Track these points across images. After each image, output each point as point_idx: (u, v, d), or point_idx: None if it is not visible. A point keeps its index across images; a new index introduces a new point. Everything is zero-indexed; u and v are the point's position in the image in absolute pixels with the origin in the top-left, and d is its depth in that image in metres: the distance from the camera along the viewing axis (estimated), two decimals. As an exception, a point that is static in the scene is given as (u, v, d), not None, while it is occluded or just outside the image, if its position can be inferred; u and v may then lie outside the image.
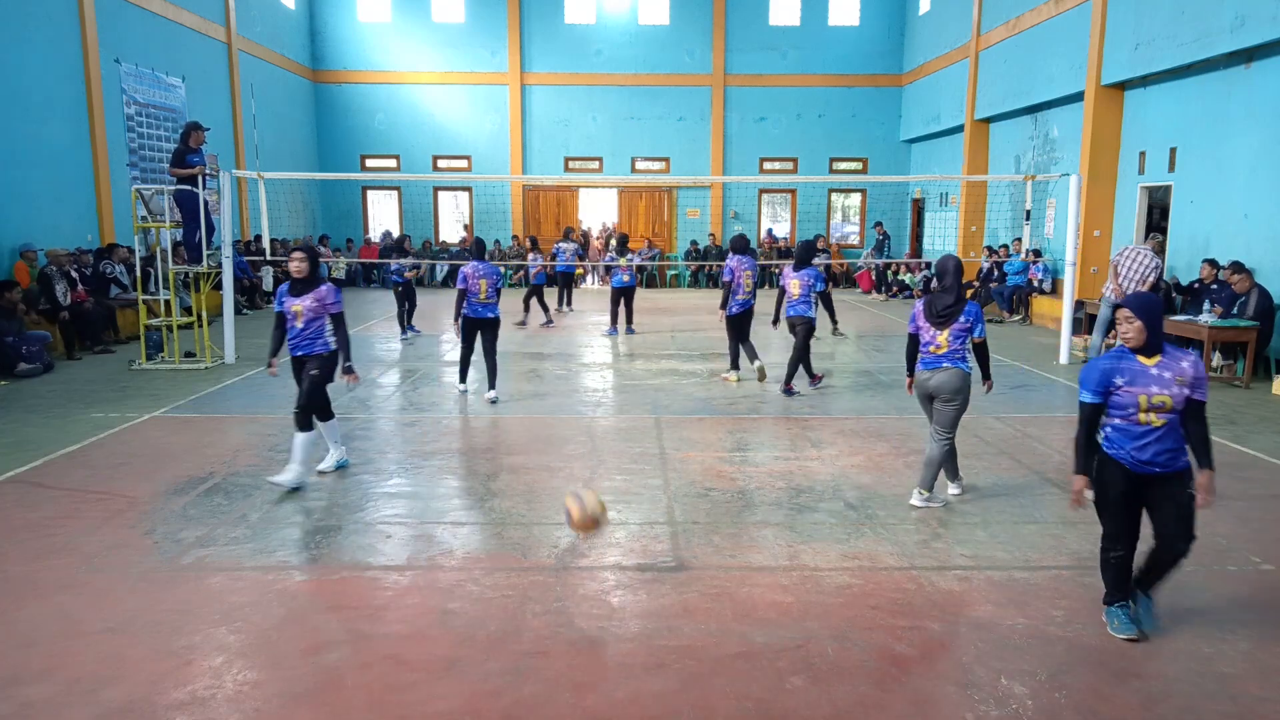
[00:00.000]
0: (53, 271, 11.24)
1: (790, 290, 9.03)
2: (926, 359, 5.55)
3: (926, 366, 5.55)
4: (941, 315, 5.44)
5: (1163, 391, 3.76)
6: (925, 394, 5.62)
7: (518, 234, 22.96)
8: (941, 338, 5.45)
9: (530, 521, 5.41)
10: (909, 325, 5.66)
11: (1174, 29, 11.77)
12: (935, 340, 5.47)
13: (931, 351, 5.52)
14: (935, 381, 5.49)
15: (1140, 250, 10.84)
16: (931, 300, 5.52)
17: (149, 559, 4.79)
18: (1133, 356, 3.83)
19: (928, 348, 5.52)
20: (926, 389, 5.57)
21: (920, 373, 5.60)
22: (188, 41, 16.56)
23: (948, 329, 5.44)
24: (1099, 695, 3.50)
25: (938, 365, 5.50)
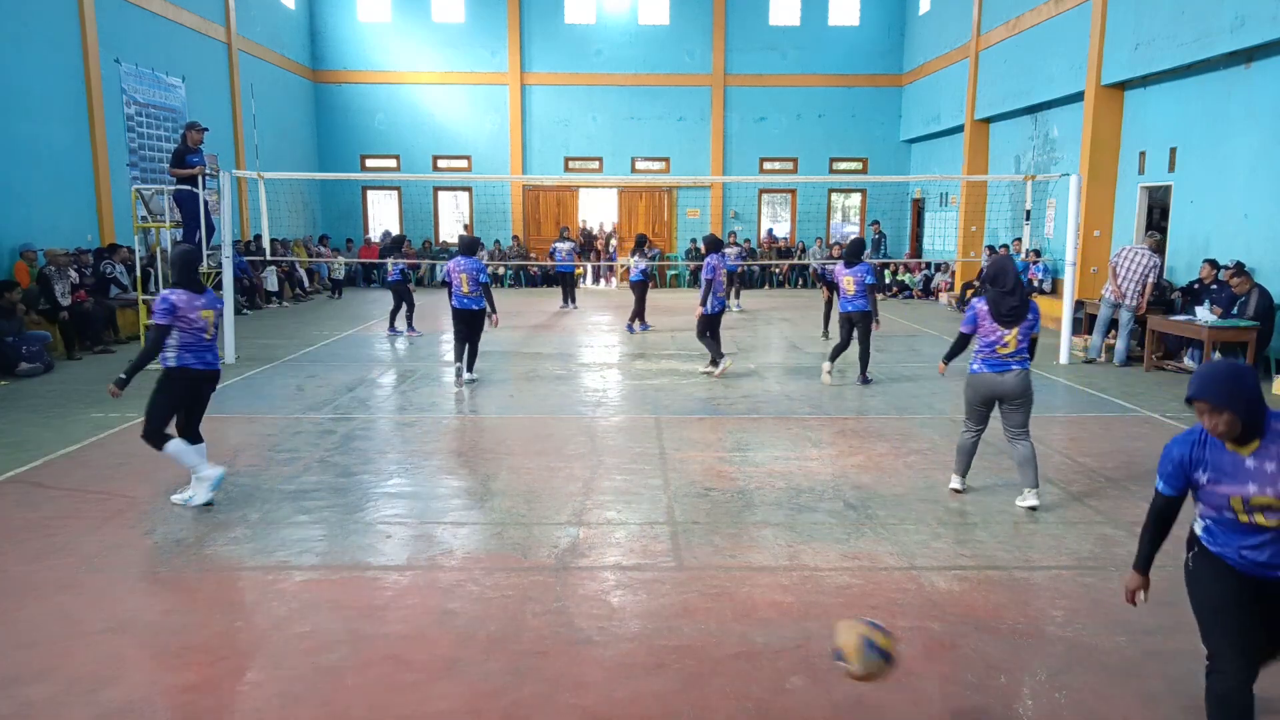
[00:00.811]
0: (52, 271, 11.24)
1: (845, 287, 9.45)
2: (991, 360, 5.46)
3: (993, 369, 5.47)
4: (1009, 315, 5.37)
5: (1264, 492, 2.75)
6: (991, 396, 5.53)
7: (518, 234, 22.98)
8: (1010, 337, 5.37)
9: (530, 521, 5.41)
10: (963, 325, 5.61)
11: (1174, 29, 11.77)
12: (1003, 340, 5.38)
13: (999, 352, 5.42)
14: (1007, 384, 5.44)
15: (1138, 250, 10.84)
16: (996, 301, 5.40)
17: (149, 559, 4.79)
18: (1219, 444, 2.87)
19: (993, 348, 5.43)
20: (995, 391, 5.49)
21: (985, 375, 5.50)
22: (188, 41, 16.56)
23: (1016, 328, 5.37)
24: (1099, 695, 3.50)
25: (1006, 368, 5.43)
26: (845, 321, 9.66)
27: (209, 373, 5.61)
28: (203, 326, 5.47)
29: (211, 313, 5.54)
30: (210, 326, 5.54)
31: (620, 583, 4.54)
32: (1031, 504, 5.58)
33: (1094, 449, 7.07)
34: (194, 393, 5.60)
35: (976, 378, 5.56)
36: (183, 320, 5.37)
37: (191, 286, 5.46)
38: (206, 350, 5.54)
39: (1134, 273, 10.71)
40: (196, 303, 5.43)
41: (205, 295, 5.53)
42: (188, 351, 5.43)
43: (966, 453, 5.87)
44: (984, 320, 5.46)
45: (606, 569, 4.71)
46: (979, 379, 5.54)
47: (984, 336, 5.47)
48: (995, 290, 5.46)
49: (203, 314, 5.46)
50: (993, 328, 5.41)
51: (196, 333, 5.43)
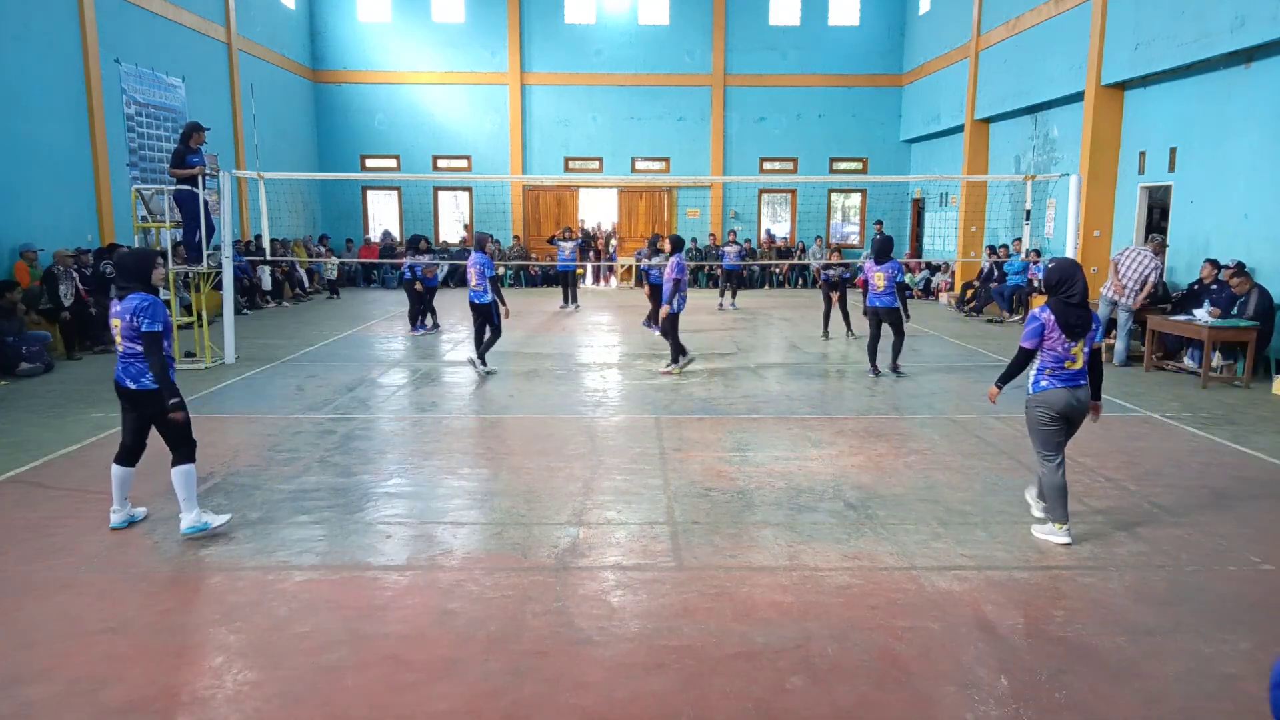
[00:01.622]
0: (59, 271, 11.23)
1: (875, 282, 9.89)
2: (1062, 375, 4.95)
3: (1065, 384, 4.95)
4: (1078, 326, 4.88)
5: None
6: (1062, 415, 4.99)
7: (518, 234, 22.98)
8: (1077, 350, 4.91)
9: (530, 521, 5.41)
10: (1024, 339, 4.99)
11: (1174, 29, 11.77)
12: (1070, 354, 4.90)
13: (1068, 367, 4.94)
14: (1082, 401, 4.99)
15: (1141, 250, 10.86)
16: (1065, 311, 4.88)
17: (149, 559, 4.79)
18: None
19: (1061, 363, 4.93)
20: (1071, 409, 4.97)
21: (1059, 390, 4.95)
22: (188, 41, 16.56)
23: (1083, 340, 4.92)
24: (1099, 695, 3.50)
25: (1077, 383, 4.97)
26: (874, 316, 10.09)
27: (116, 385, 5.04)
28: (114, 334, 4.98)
29: (118, 320, 4.92)
30: (118, 336, 4.94)
31: (620, 583, 4.53)
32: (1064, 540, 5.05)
33: (1094, 449, 7.06)
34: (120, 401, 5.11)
35: (1049, 394, 4.98)
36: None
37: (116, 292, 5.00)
38: (119, 360, 4.99)
39: (1135, 271, 10.73)
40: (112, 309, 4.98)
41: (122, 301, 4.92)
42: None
43: (1064, 491, 5.06)
44: (1052, 332, 4.92)
45: (606, 569, 4.71)
46: (1053, 395, 4.97)
47: (1049, 350, 4.95)
48: (1059, 299, 4.93)
49: (113, 321, 4.96)
50: (1059, 339, 4.90)
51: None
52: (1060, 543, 5.04)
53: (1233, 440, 7.39)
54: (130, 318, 4.84)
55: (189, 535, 5.03)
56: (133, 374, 4.94)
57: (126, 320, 4.86)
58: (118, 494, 5.19)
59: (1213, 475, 6.43)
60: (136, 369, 4.93)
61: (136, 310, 4.83)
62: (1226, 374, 9.94)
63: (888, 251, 9.93)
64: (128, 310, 4.85)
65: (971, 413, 8.43)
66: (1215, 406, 8.68)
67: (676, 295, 10.03)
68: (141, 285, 4.93)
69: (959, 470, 6.49)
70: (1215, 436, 7.52)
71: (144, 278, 4.95)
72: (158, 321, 4.84)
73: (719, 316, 16.28)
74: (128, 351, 4.91)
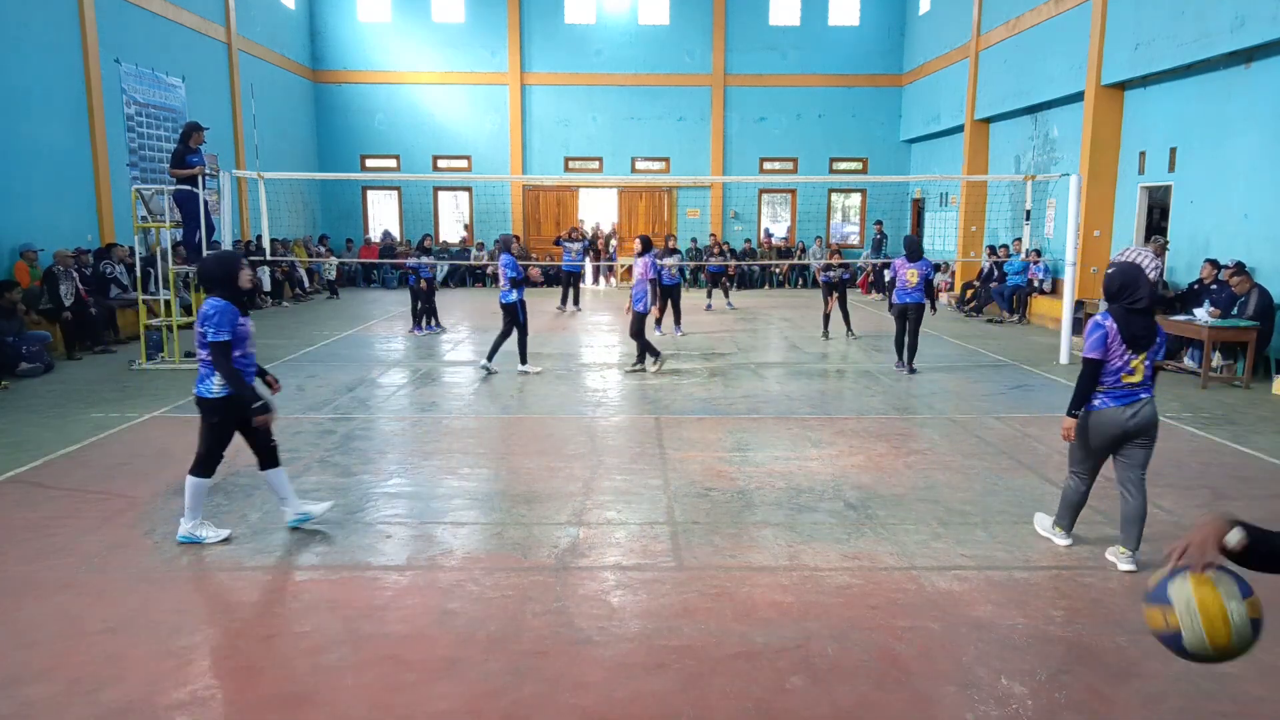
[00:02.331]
0: (59, 271, 11.24)
1: (907, 279, 10.25)
2: (1118, 392, 4.54)
3: (1121, 401, 4.54)
4: (1143, 338, 4.49)
5: None
6: (1118, 435, 4.59)
7: (518, 234, 22.97)
8: (1137, 363, 4.52)
9: (530, 521, 5.41)
10: (1091, 350, 4.53)
11: (1174, 29, 11.77)
12: (1129, 367, 4.51)
13: (1125, 381, 4.53)
14: (1140, 418, 4.54)
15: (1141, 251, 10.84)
16: (1128, 320, 4.48)
17: (149, 559, 4.79)
18: None
19: (1118, 376, 4.52)
20: (1125, 428, 4.56)
21: (1109, 410, 4.56)
22: (188, 41, 16.57)
23: (1145, 352, 4.53)
24: (1099, 695, 3.50)
25: (1136, 398, 4.55)
26: (901, 314, 10.38)
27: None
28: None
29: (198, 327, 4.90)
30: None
31: (620, 583, 4.53)
32: (1130, 568, 4.68)
33: (1094, 449, 7.05)
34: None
35: (1101, 415, 4.59)
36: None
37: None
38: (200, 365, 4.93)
39: None
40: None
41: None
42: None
43: (1076, 507, 4.93)
44: (1114, 342, 4.50)
45: (606, 569, 4.71)
46: (1103, 416, 4.59)
47: (1108, 362, 4.54)
48: (1123, 305, 4.52)
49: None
50: (1120, 351, 4.51)
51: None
52: (1061, 544, 5.02)
53: (1233, 440, 7.39)
54: (199, 325, 4.73)
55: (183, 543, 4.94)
56: (199, 377, 4.85)
57: (198, 328, 4.74)
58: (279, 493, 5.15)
59: (1213, 475, 6.43)
60: (200, 374, 4.84)
61: (204, 317, 4.70)
62: (1226, 374, 9.94)
63: (919, 250, 10.34)
64: (199, 317, 4.74)
65: (971, 413, 8.43)
66: (1215, 406, 8.68)
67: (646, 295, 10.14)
68: (224, 290, 4.76)
69: (959, 470, 6.49)
70: (1215, 436, 7.52)
71: (226, 281, 4.78)
72: (224, 330, 4.64)
73: (720, 316, 16.29)
74: (203, 358, 4.78)
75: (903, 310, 10.35)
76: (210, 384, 4.80)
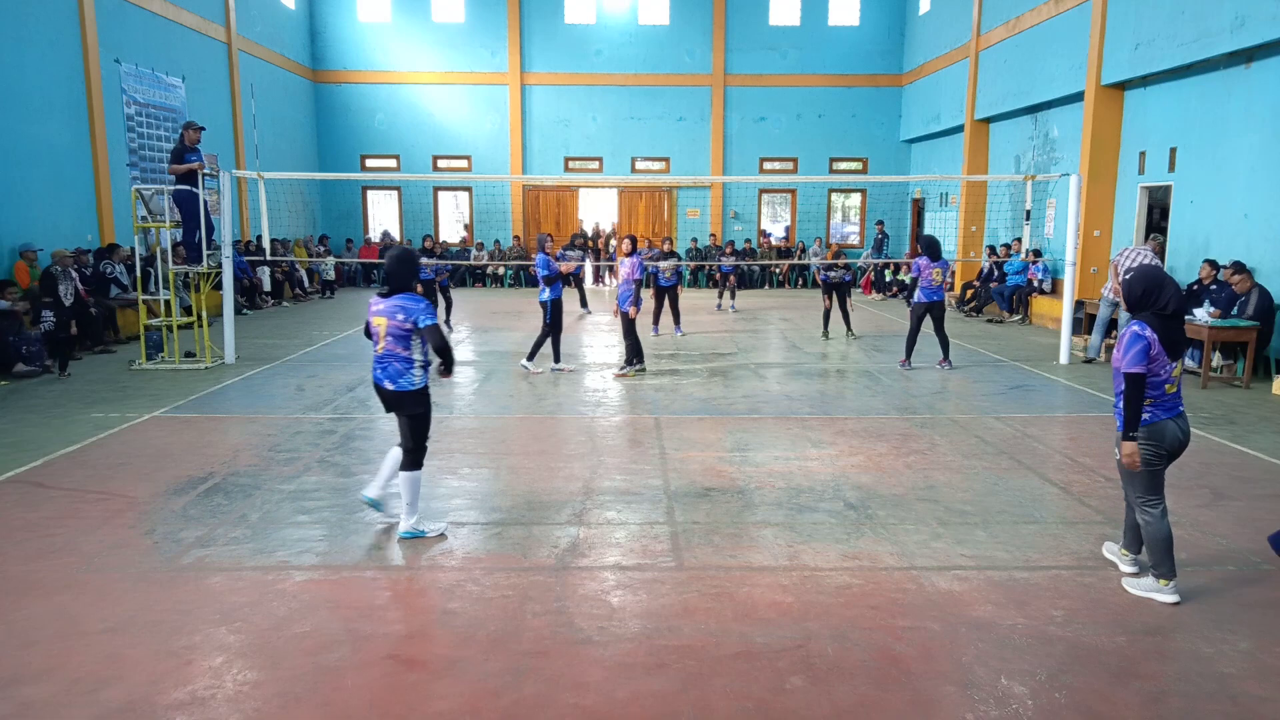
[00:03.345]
0: (58, 271, 11.23)
1: (933, 278, 10.51)
2: (1167, 404, 4.25)
3: (1171, 413, 4.26)
4: (1180, 341, 4.24)
5: None
6: (1171, 451, 4.29)
7: (518, 234, 22.98)
8: (1177, 372, 4.27)
9: (530, 521, 5.41)
10: (1134, 364, 4.13)
11: (1174, 29, 11.77)
12: (1171, 376, 4.23)
13: (1168, 392, 4.25)
14: (1186, 430, 4.33)
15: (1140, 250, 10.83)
16: (1165, 326, 4.17)
17: (149, 559, 4.79)
18: None
19: (1162, 388, 4.22)
20: (1178, 443, 4.29)
21: (1166, 423, 4.25)
22: (188, 41, 16.56)
23: (1180, 360, 4.29)
24: (1099, 695, 3.50)
25: (1178, 410, 4.30)
26: (925, 311, 10.60)
27: (374, 384, 5.09)
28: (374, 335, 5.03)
29: (383, 320, 4.94)
30: (381, 336, 4.97)
31: (620, 583, 4.53)
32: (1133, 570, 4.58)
33: (1094, 449, 7.06)
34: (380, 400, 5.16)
35: (1156, 428, 4.24)
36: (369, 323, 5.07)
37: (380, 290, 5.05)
38: (375, 362, 5.05)
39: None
40: (372, 309, 5.04)
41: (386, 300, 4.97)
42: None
43: (1170, 541, 4.31)
44: (1159, 353, 4.17)
45: (606, 569, 4.71)
46: (1161, 428, 4.25)
47: (1151, 374, 4.18)
48: (1154, 313, 4.19)
49: (374, 320, 5.00)
50: (1164, 359, 4.18)
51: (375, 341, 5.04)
52: (1168, 601, 4.28)
53: (1233, 440, 7.39)
54: (401, 318, 4.89)
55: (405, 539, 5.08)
56: (391, 374, 4.99)
57: (396, 320, 4.89)
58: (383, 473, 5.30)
59: (1213, 475, 6.43)
60: (395, 369, 4.97)
61: (409, 311, 4.89)
62: (1226, 374, 9.94)
63: (939, 249, 10.61)
64: (398, 310, 4.89)
65: (971, 413, 8.43)
66: (1215, 406, 8.68)
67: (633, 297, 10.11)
68: (407, 287, 4.99)
69: (959, 470, 6.49)
70: (1215, 436, 7.52)
71: (410, 279, 5.03)
72: (431, 314, 4.95)
73: (720, 317, 16.29)
74: (387, 353, 4.96)
75: (929, 308, 10.54)
76: (411, 377, 4.98)
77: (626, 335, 10.21)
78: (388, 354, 4.97)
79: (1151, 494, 4.31)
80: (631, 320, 10.06)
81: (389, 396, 5.06)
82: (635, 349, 10.24)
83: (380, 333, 4.97)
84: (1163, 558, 4.29)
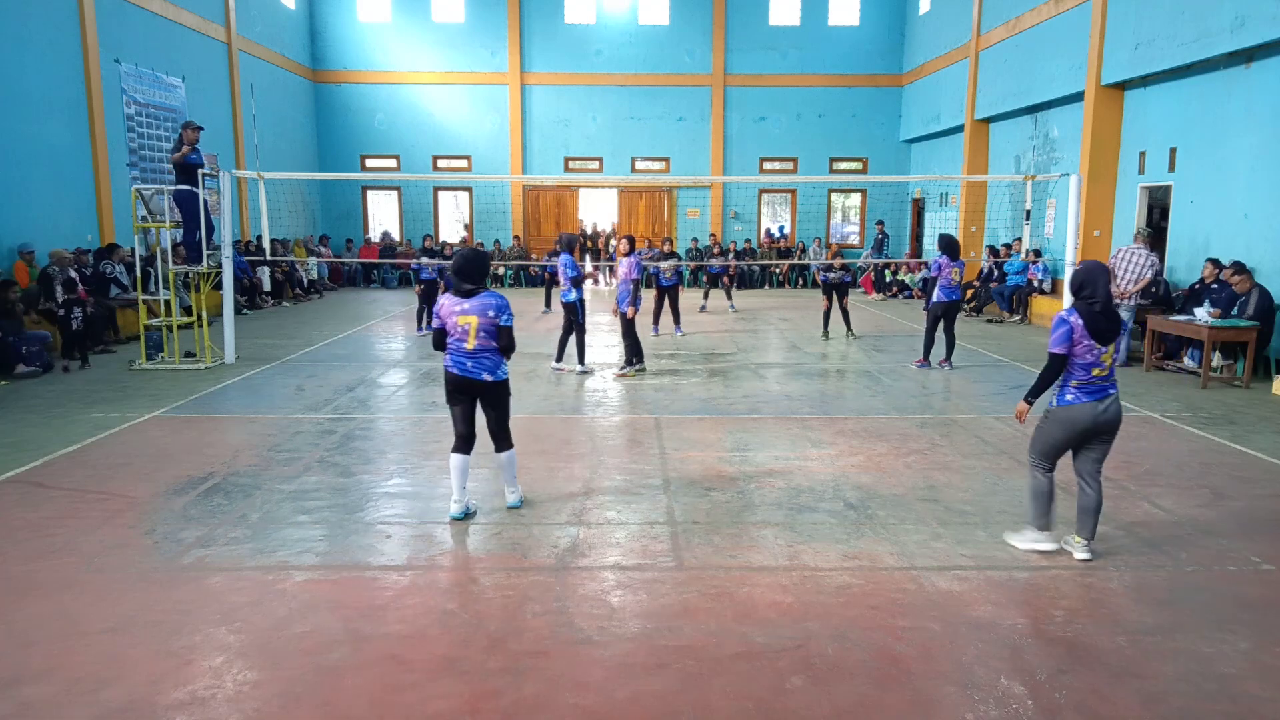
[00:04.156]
0: (55, 272, 11.23)
1: (953, 278, 10.57)
2: (1090, 387, 4.66)
3: (1093, 396, 4.66)
4: (1106, 330, 4.61)
5: None
6: (1088, 429, 4.70)
7: (518, 234, 22.97)
8: (1107, 356, 4.65)
9: (530, 521, 5.41)
10: (1055, 345, 4.64)
11: (1174, 29, 11.77)
12: (1099, 361, 4.63)
13: (1096, 375, 4.65)
14: (1111, 413, 4.69)
15: (1135, 250, 10.85)
16: (1093, 314, 4.59)
17: (149, 559, 4.79)
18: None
19: (1089, 370, 4.63)
20: (1097, 422, 4.68)
21: (1084, 405, 4.66)
22: (188, 41, 16.57)
23: (1112, 344, 4.66)
24: (1099, 695, 3.50)
25: (1106, 394, 4.69)
26: (945, 311, 10.59)
27: (464, 379, 5.30)
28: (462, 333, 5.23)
29: (473, 318, 5.19)
30: (471, 333, 5.20)
31: (620, 583, 4.53)
32: (1086, 556, 4.82)
33: (1094, 449, 7.05)
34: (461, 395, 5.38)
35: (1072, 410, 4.69)
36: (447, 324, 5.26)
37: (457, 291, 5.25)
38: (467, 358, 5.26)
39: (1132, 270, 10.72)
40: (456, 308, 5.21)
41: (470, 300, 5.20)
42: (450, 355, 5.31)
43: (1047, 497, 4.87)
44: (1081, 338, 4.60)
45: (606, 569, 4.71)
46: (1076, 411, 4.68)
47: (1077, 358, 4.64)
48: (1084, 302, 4.64)
49: (460, 320, 5.21)
50: (1089, 346, 4.60)
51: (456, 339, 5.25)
52: (1048, 549, 4.87)
53: (1233, 440, 7.39)
54: (493, 314, 5.20)
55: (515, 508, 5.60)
56: (489, 367, 5.30)
57: (488, 318, 5.19)
58: (458, 483, 5.43)
59: (1213, 475, 6.43)
60: (491, 363, 5.29)
61: (498, 309, 5.21)
62: (1226, 374, 9.94)
63: (958, 249, 10.68)
64: (488, 308, 5.19)
65: (971, 413, 8.43)
66: (1215, 406, 8.68)
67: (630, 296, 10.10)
68: (485, 286, 5.28)
69: (959, 470, 6.49)
70: (1215, 436, 7.52)
71: (485, 278, 5.30)
72: (511, 315, 5.30)
73: (720, 317, 16.28)
74: (479, 348, 5.23)
75: (950, 307, 10.60)
76: (504, 368, 5.40)
77: (625, 335, 10.21)
78: (480, 349, 5.24)
79: (1044, 459, 4.84)
80: (630, 320, 10.08)
81: (484, 388, 5.33)
82: (635, 349, 10.24)
83: (471, 330, 5.20)
84: (1042, 510, 4.87)
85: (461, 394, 5.36)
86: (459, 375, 5.29)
